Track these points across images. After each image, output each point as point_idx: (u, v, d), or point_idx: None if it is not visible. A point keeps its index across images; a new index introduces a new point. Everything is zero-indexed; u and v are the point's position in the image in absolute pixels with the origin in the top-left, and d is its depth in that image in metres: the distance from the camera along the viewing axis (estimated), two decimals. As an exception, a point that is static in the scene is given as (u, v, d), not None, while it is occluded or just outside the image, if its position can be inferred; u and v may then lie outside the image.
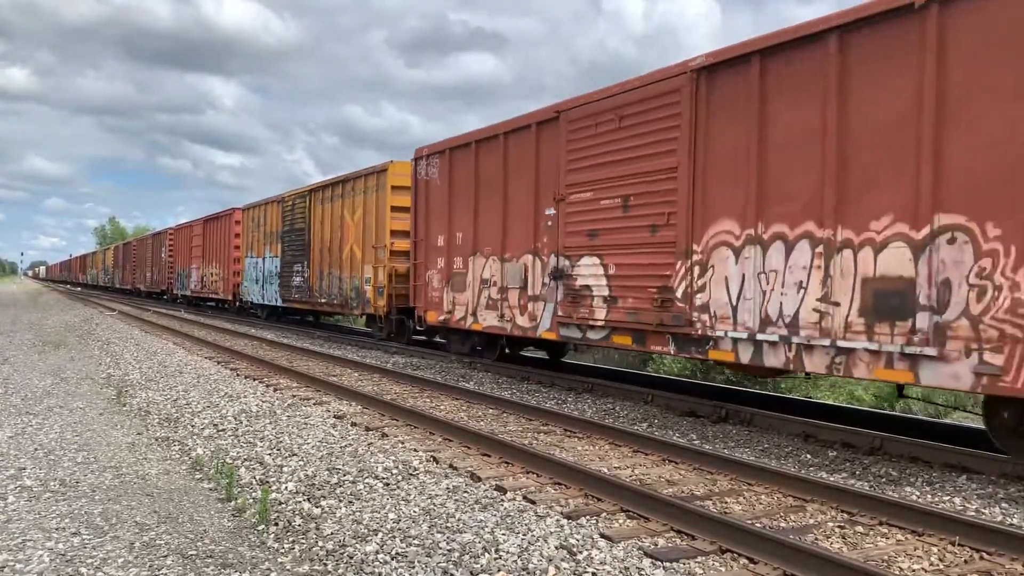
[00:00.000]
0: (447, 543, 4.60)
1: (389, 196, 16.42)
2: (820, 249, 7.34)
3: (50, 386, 10.92)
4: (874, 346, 6.85)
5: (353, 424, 8.26)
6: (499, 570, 4.22)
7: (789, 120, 7.67)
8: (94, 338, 18.48)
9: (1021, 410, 6.47)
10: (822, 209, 7.31)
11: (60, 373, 12.30)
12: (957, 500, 5.71)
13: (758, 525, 4.90)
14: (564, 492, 5.71)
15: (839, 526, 5.07)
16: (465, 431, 7.53)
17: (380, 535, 4.76)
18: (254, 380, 11.49)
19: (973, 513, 5.38)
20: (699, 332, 8.59)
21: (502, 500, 5.48)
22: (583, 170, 10.34)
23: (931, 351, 6.44)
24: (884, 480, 6.28)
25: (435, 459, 6.68)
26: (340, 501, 5.49)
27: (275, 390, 10.58)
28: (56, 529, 5.01)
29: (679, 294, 8.84)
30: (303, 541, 4.79)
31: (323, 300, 19.53)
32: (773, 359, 7.81)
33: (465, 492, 5.65)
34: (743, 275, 8.10)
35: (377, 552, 4.50)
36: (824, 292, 7.30)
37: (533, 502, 5.45)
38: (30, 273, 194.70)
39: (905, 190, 6.66)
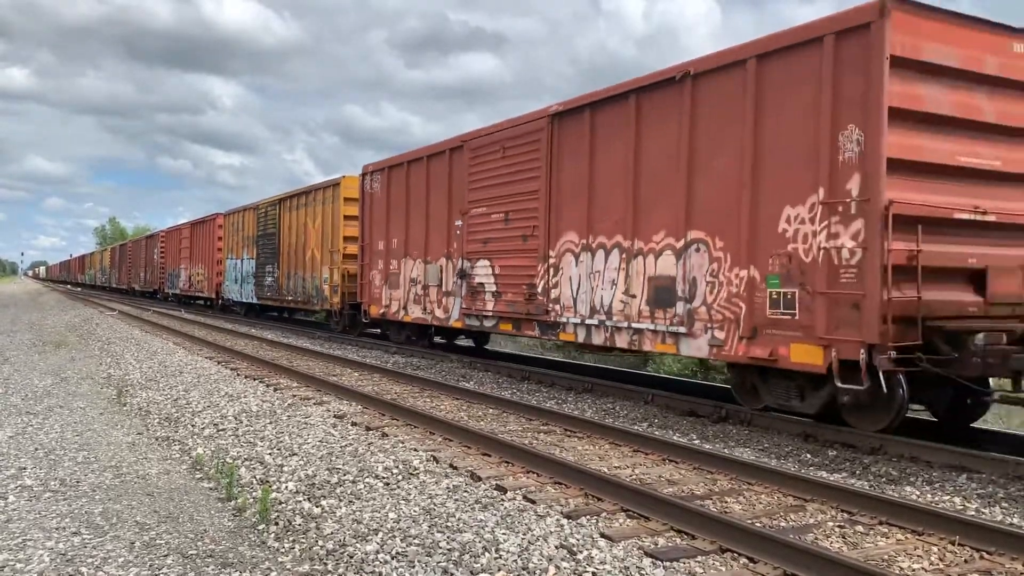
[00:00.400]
0: (447, 542, 4.60)
1: (342, 206, 18.55)
2: (624, 255, 9.69)
3: (50, 386, 10.93)
4: (654, 327, 9.25)
5: (353, 424, 8.26)
6: (499, 569, 4.22)
7: (607, 158, 10.03)
8: (94, 338, 18.48)
9: (741, 371, 8.65)
10: (626, 226, 9.65)
11: (60, 373, 12.30)
12: (957, 500, 5.71)
13: (758, 524, 4.90)
14: (564, 492, 5.71)
15: (839, 526, 5.07)
16: (465, 431, 7.54)
17: (380, 534, 4.76)
18: (254, 380, 11.50)
19: (973, 513, 5.38)
20: (553, 319, 11.01)
21: (502, 500, 5.48)
22: (480, 189, 12.65)
23: (684, 330, 8.80)
24: (884, 480, 6.29)
25: (435, 459, 6.68)
26: (340, 501, 5.49)
27: (275, 390, 10.58)
28: (56, 528, 5.01)
29: (540, 289, 11.27)
30: (303, 541, 4.80)
31: (290, 298, 21.68)
32: (597, 339, 10.20)
33: (465, 492, 5.65)
34: (580, 275, 10.48)
35: (377, 552, 4.50)
36: (626, 288, 9.67)
37: (533, 502, 5.45)
38: (30, 273, 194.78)
39: (672, 213, 9.00)
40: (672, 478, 6.24)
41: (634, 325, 9.50)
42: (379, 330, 17.92)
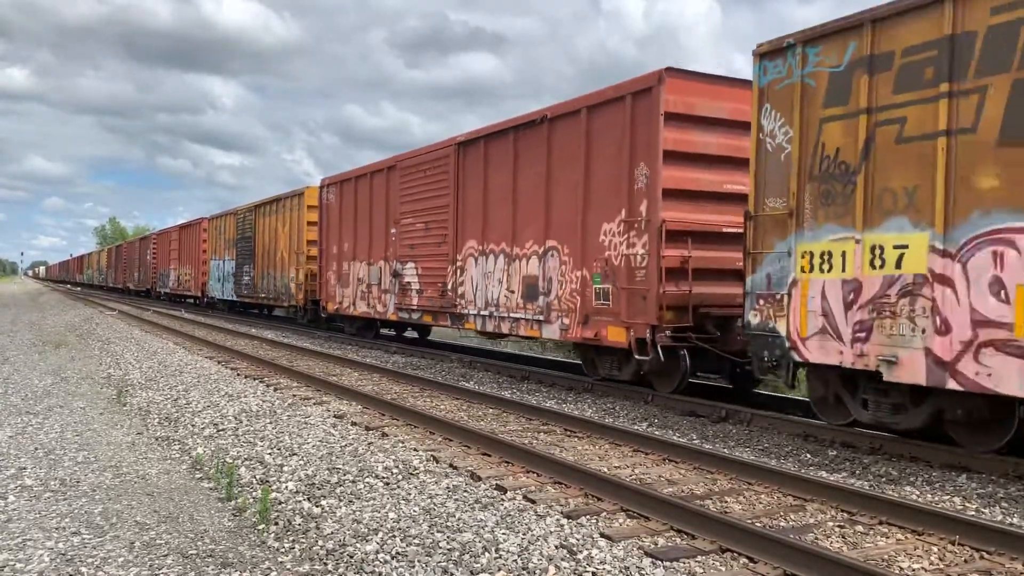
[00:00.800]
0: (447, 542, 4.60)
1: (305, 213, 20.89)
2: (507, 259, 12.18)
3: (50, 386, 10.93)
4: (526, 316, 11.77)
5: (353, 424, 8.26)
6: (499, 569, 4.22)
7: (496, 181, 12.48)
8: (94, 338, 18.48)
9: (583, 349, 11.25)
10: (509, 235, 12.12)
11: (60, 373, 12.30)
12: (957, 500, 5.71)
13: (758, 524, 4.90)
14: (564, 491, 5.71)
15: (839, 525, 5.07)
16: (465, 430, 7.53)
17: (380, 534, 4.76)
18: (254, 380, 11.50)
19: (973, 513, 5.38)
20: (459, 311, 13.47)
21: (502, 499, 5.48)
22: (408, 203, 15.23)
23: (543, 318, 11.38)
24: (884, 479, 6.28)
25: (435, 458, 6.68)
26: (340, 500, 5.49)
27: (275, 390, 10.59)
28: (56, 528, 5.01)
29: (450, 287, 13.73)
30: (303, 540, 4.79)
31: (263, 295, 24.08)
32: (490, 326, 12.75)
33: (465, 491, 5.65)
34: (478, 275, 12.95)
35: (377, 551, 4.50)
36: (508, 285, 12.17)
37: (533, 501, 5.45)
38: (30, 273, 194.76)
39: (537, 225, 11.49)
40: (672, 478, 6.24)
41: (513, 315, 12.07)
42: (342, 324, 19.90)
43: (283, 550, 4.69)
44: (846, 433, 7.51)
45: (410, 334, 19.18)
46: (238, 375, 12.01)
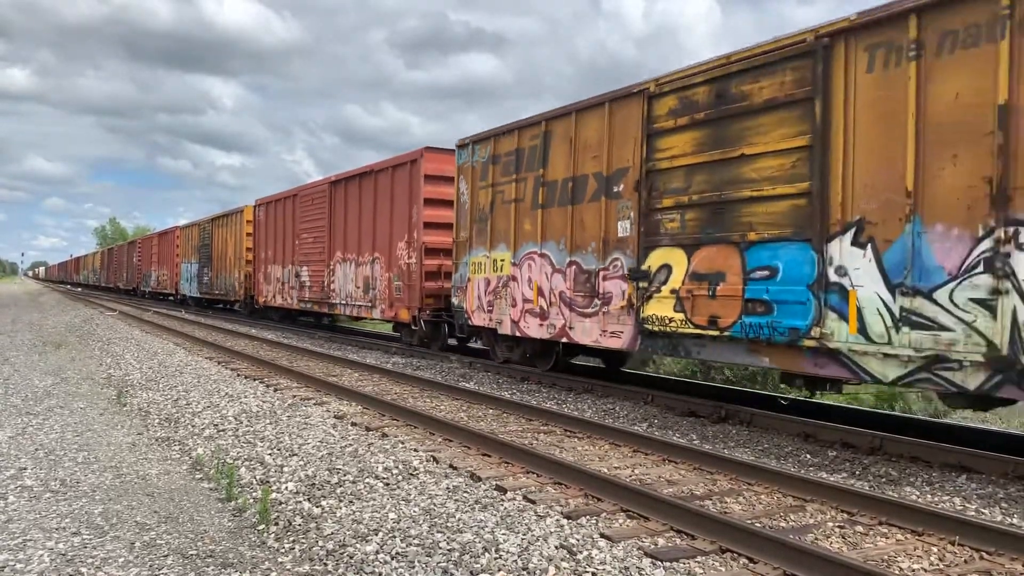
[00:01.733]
0: (447, 543, 4.60)
1: (244, 227, 26.49)
2: (355, 265, 17.81)
3: (50, 386, 10.93)
4: (364, 303, 17.35)
5: (353, 424, 8.26)
6: (499, 570, 4.23)
7: (350, 211, 18.22)
8: (94, 338, 18.49)
9: (396, 326, 17.03)
10: (356, 248, 17.88)
11: (60, 373, 12.30)
12: (957, 500, 5.71)
13: (758, 525, 4.90)
14: (564, 492, 5.71)
15: (839, 526, 5.08)
16: (465, 431, 7.54)
17: (380, 535, 4.76)
18: (254, 380, 11.50)
19: (973, 513, 5.38)
20: (331, 301, 19.11)
21: (502, 500, 5.48)
22: (303, 223, 21.09)
23: (372, 304, 16.96)
24: (884, 480, 6.29)
25: (435, 459, 6.68)
26: (340, 501, 5.49)
27: (275, 390, 10.58)
28: (56, 529, 5.01)
29: (326, 284, 19.43)
30: (303, 541, 4.80)
31: (217, 292, 29.53)
32: (350, 312, 18.32)
33: (465, 492, 5.65)
34: (341, 275, 18.63)
35: (377, 552, 4.50)
36: (356, 282, 17.75)
37: (533, 502, 5.45)
38: (30, 273, 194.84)
39: (369, 242, 17.27)
40: (672, 478, 6.24)
41: (358, 303, 17.80)
42: (270, 313, 25.46)
43: (283, 550, 4.69)
44: (846, 433, 7.51)
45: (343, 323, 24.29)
46: (238, 376, 12.01)
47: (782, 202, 7.62)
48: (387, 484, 5.87)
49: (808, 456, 7.10)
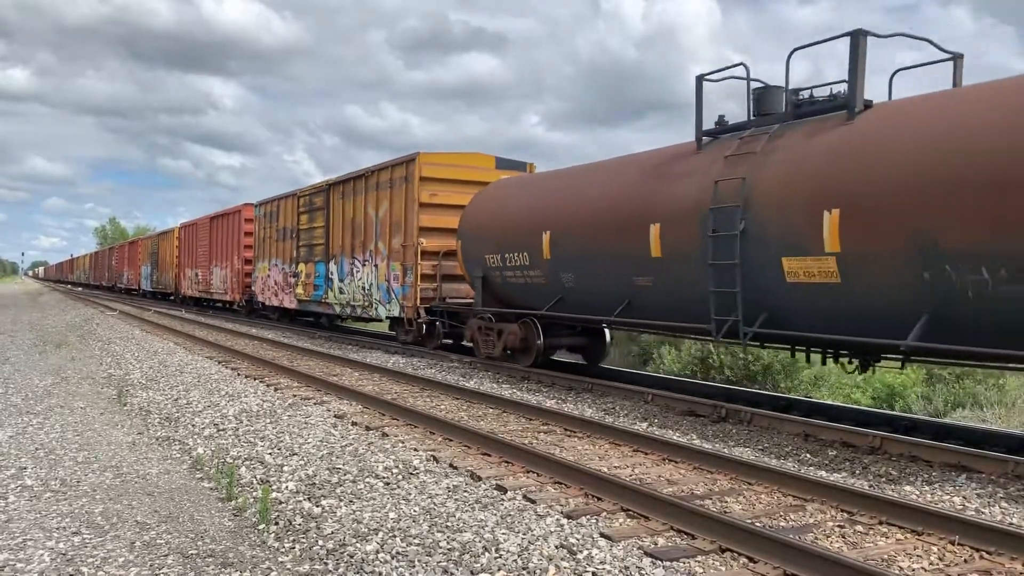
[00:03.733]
0: (447, 542, 4.61)
1: (174, 241, 36.16)
2: (219, 268, 28.28)
3: (51, 386, 10.93)
4: (220, 291, 28.36)
5: (353, 423, 8.27)
6: (499, 569, 4.23)
7: (214, 237, 29.38)
8: (95, 338, 18.49)
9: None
10: (216, 259, 28.95)
11: (61, 373, 12.31)
12: (957, 499, 5.71)
13: (758, 524, 4.90)
14: (564, 491, 5.71)
15: (839, 525, 5.08)
16: (465, 430, 7.54)
17: (380, 534, 4.77)
18: (255, 380, 11.50)
19: (973, 512, 5.38)
20: (211, 292, 28.97)
21: (502, 499, 5.49)
22: (200, 241, 30.24)
23: (223, 292, 27.73)
24: (884, 479, 6.29)
25: (435, 458, 6.68)
26: (340, 500, 5.49)
27: (276, 390, 10.59)
28: (57, 528, 5.01)
29: (208, 280, 29.35)
30: (303, 540, 4.80)
31: (160, 287, 40.06)
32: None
33: (465, 491, 5.65)
34: (217, 274, 28.34)
35: (377, 551, 4.50)
36: (220, 277, 27.88)
37: (533, 501, 5.45)
38: (30, 273, 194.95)
39: (219, 257, 28.93)
40: (672, 478, 6.24)
41: (218, 291, 26.46)
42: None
43: (283, 550, 4.69)
44: (846, 433, 7.52)
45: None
46: (238, 375, 12.01)
47: (319, 246, 19.59)
48: (387, 483, 5.87)
49: (808, 456, 7.10)
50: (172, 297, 37.59)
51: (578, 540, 4.63)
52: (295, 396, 10.02)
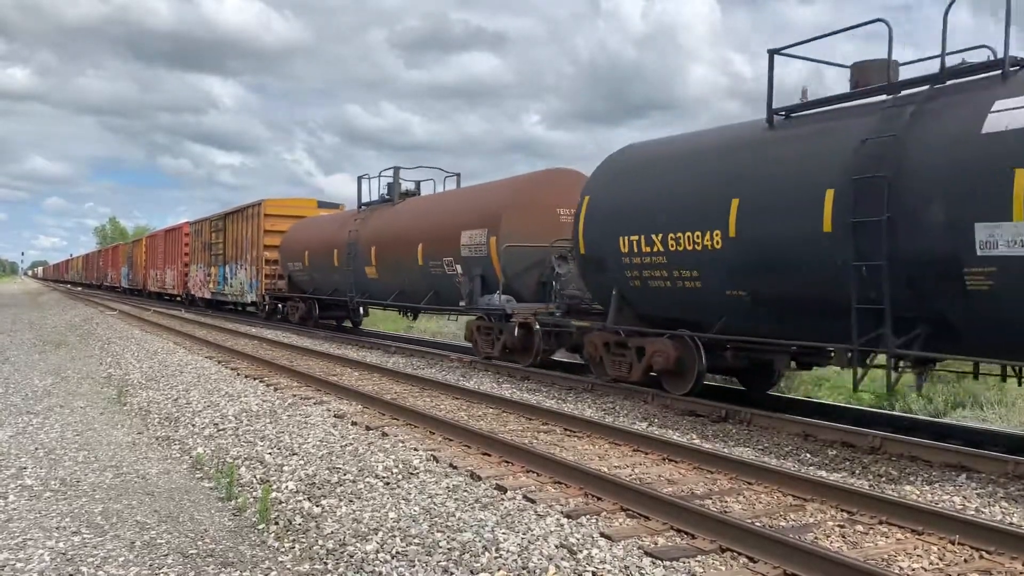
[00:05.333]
0: (447, 542, 4.60)
1: (143, 248, 43.27)
2: (169, 271, 36.71)
3: (51, 385, 10.93)
4: (171, 285, 36.63)
5: (353, 423, 8.26)
6: (499, 569, 4.23)
7: (161, 247, 38.69)
8: (94, 337, 18.49)
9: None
10: (168, 263, 37.21)
11: (61, 372, 12.30)
12: (957, 499, 5.71)
13: (758, 524, 4.90)
14: (564, 491, 5.71)
15: (839, 525, 5.07)
16: (465, 430, 7.54)
17: (380, 534, 4.76)
18: (254, 379, 11.50)
19: (973, 512, 5.38)
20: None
21: (502, 499, 5.48)
22: (156, 251, 39.58)
23: (172, 286, 36.65)
24: (884, 479, 6.29)
25: (435, 458, 6.68)
26: (340, 500, 5.49)
27: (275, 389, 10.58)
28: (57, 528, 5.01)
29: (161, 279, 38.19)
30: (303, 540, 4.80)
31: (133, 284, 47.16)
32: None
33: (465, 491, 5.65)
34: (166, 274, 37.44)
35: (377, 551, 4.50)
36: (169, 276, 36.81)
37: (533, 501, 5.45)
38: (30, 273, 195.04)
39: (170, 262, 37.10)
40: (672, 477, 6.24)
41: (169, 285, 35.91)
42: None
43: (283, 550, 4.69)
44: (846, 433, 7.51)
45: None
46: (238, 375, 12.01)
47: (220, 255, 28.15)
48: (387, 483, 5.87)
49: (808, 455, 7.10)
50: (141, 292, 45.69)
51: (578, 540, 4.63)
52: (295, 396, 10.02)
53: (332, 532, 4.86)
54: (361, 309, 22.09)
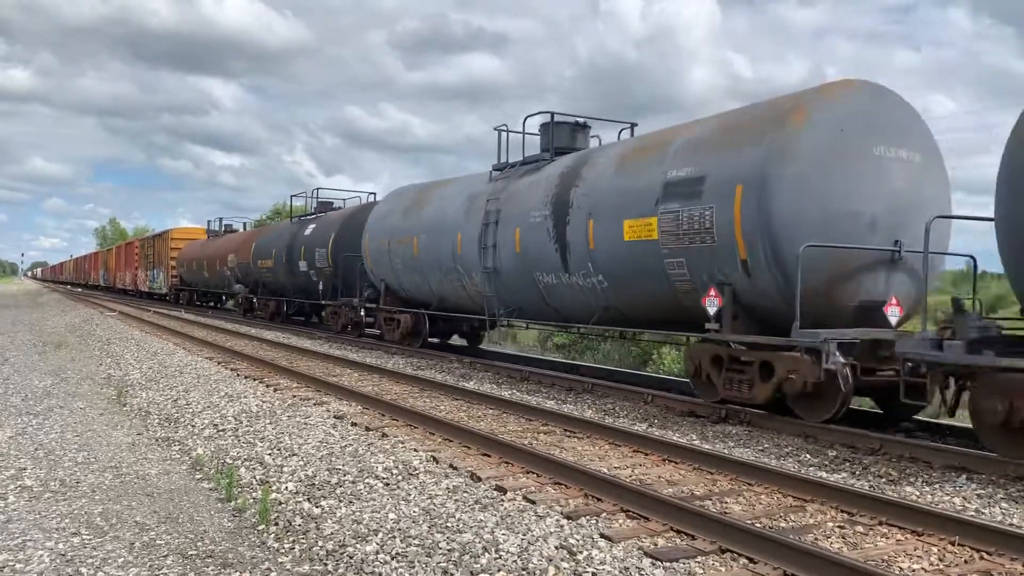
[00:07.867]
0: (447, 543, 4.60)
1: (114, 256, 55.05)
2: (141, 271, 45.96)
3: (50, 386, 10.93)
4: (144, 285, 46.67)
5: (353, 424, 8.26)
6: (499, 570, 4.22)
7: (132, 256, 50.05)
8: (94, 338, 18.48)
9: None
10: (141, 266, 46.88)
11: (60, 373, 12.30)
12: (957, 500, 5.71)
13: (758, 525, 4.90)
14: (564, 492, 5.71)
15: (839, 526, 5.07)
16: (465, 431, 7.53)
17: (380, 535, 4.76)
18: (254, 380, 11.49)
19: (973, 513, 5.38)
20: (139, 288, 45.50)
21: (502, 500, 5.48)
22: (129, 258, 48.88)
23: (151, 286, 46.35)
24: (884, 480, 6.28)
25: (435, 459, 6.68)
26: (340, 501, 5.49)
27: (275, 390, 10.58)
28: (56, 529, 5.01)
29: (133, 279, 47.26)
30: (303, 541, 4.80)
31: (107, 283, 55.40)
32: (143, 289, 45.59)
33: (465, 492, 5.65)
34: (143, 274, 45.85)
35: (377, 552, 4.50)
36: (144, 277, 46.28)
37: (533, 502, 5.45)
38: (29, 274, 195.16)
39: (156, 263, 47.04)
40: (672, 478, 6.24)
41: (142, 284, 44.82)
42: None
43: (283, 550, 4.69)
44: (846, 434, 7.51)
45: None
46: (238, 376, 12.01)
47: (152, 262, 42.82)
48: (387, 484, 5.87)
49: (808, 456, 7.10)
50: (111, 288, 54.58)
51: (578, 541, 4.63)
52: (295, 396, 10.01)
53: (332, 533, 4.86)
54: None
